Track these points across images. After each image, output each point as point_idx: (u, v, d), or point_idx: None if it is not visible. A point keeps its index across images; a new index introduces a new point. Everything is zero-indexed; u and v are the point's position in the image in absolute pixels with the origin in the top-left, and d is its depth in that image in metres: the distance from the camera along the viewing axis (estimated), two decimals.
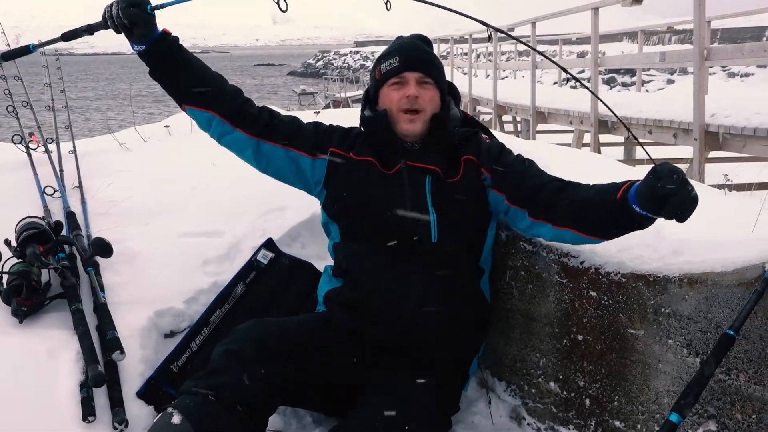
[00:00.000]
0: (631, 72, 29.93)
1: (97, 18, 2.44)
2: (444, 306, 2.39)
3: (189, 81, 2.56)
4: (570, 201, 2.27)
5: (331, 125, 2.72)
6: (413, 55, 2.52)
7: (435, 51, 2.83)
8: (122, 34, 2.41)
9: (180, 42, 2.54)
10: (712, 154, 7.79)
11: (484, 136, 2.64)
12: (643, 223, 2.06)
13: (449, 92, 2.64)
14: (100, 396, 2.35)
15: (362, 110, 2.67)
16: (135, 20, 2.34)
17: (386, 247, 2.41)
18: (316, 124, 2.69)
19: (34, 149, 4.10)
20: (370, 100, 2.64)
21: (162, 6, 2.41)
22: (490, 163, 2.49)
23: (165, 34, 2.47)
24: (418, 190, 2.44)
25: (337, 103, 27.51)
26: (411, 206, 2.41)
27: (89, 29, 2.48)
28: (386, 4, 2.32)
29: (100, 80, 77.66)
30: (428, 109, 2.49)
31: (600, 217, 2.19)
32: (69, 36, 2.53)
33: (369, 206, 2.47)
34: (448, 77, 2.65)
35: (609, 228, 2.20)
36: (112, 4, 2.34)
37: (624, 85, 31.23)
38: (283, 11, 2.35)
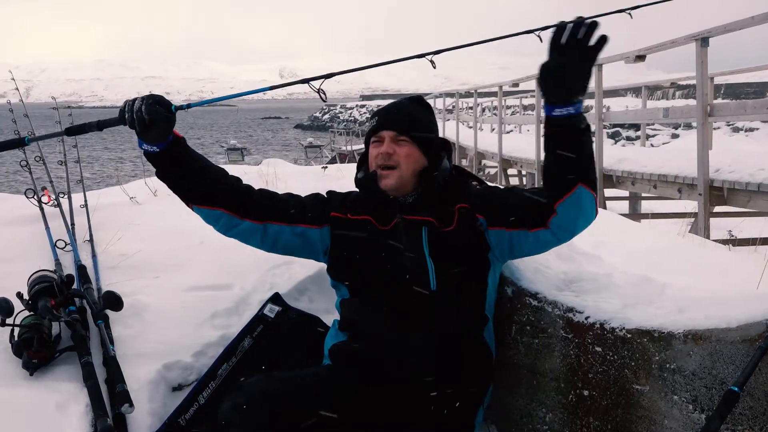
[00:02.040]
0: (636, 126, 30.15)
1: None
2: (446, 359, 2.40)
3: (197, 182, 2.59)
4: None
5: (330, 191, 2.80)
6: (391, 115, 2.63)
7: (440, 104, 2.93)
8: (133, 131, 2.39)
9: (186, 142, 2.57)
10: (717, 209, 7.81)
11: (474, 183, 2.69)
12: (567, 119, 2.18)
13: (442, 147, 2.70)
14: None
15: (357, 171, 2.74)
16: (157, 119, 2.33)
17: (388, 300, 2.45)
18: (316, 195, 2.78)
19: (46, 203, 4.16)
20: (363, 163, 2.73)
21: (187, 107, 2.40)
22: (482, 204, 2.54)
23: (177, 137, 2.50)
24: (414, 241, 2.49)
25: (343, 156, 27.72)
26: (409, 257, 2.46)
27: (99, 125, 2.43)
28: (432, 63, 2.44)
29: (109, 132, 78.29)
30: (404, 164, 2.56)
31: (555, 159, 2.30)
32: (74, 131, 2.49)
33: (369, 261, 2.53)
34: (452, 131, 2.72)
35: (563, 159, 2.27)
36: (135, 99, 2.34)
37: (629, 139, 31.39)
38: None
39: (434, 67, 2.38)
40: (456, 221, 2.53)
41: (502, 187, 2.68)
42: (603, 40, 2.13)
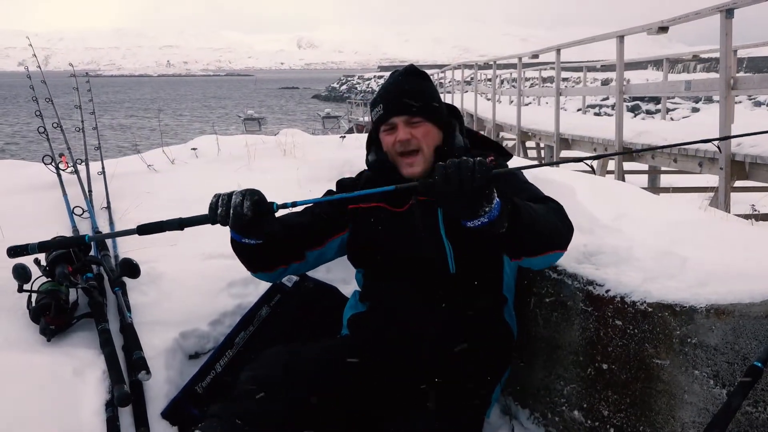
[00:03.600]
0: (656, 100, 29.90)
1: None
2: (466, 338, 2.38)
3: (274, 254, 2.46)
4: None
5: (340, 182, 2.75)
6: (396, 100, 2.50)
7: (458, 77, 2.83)
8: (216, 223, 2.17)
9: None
10: (738, 183, 7.73)
11: (490, 158, 2.56)
12: (486, 227, 1.98)
13: (451, 115, 2.63)
14: (125, 415, 2.38)
15: (367, 153, 2.69)
16: (261, 219, 2.13)
17: (408, 283, 2.43)
18: (329, 196, 2.65)
19: (63, 170, 4.16)
20: (373, 141, 2.66)
21: (292, 205, 2.16)
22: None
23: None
24: (430, 223, 2.44)
25: (360, 127, 27.61)
26: (426, 240, 2.41)
27: (181, 224, 2.22)
28: None
29: (127, 101, 78.54)
30: (425, 145, 2.49)
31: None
32: (148, 230, 2.27)
33: (385, 248, 2.48)
34: (470, 103, 2.64)
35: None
36: (232, 194, 2.12)
37: (648, 112, 31.13)
38: None
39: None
40: None
41: (510, 175, 2.50)
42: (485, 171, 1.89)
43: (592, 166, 2.02)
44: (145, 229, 2.24)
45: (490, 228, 1.96)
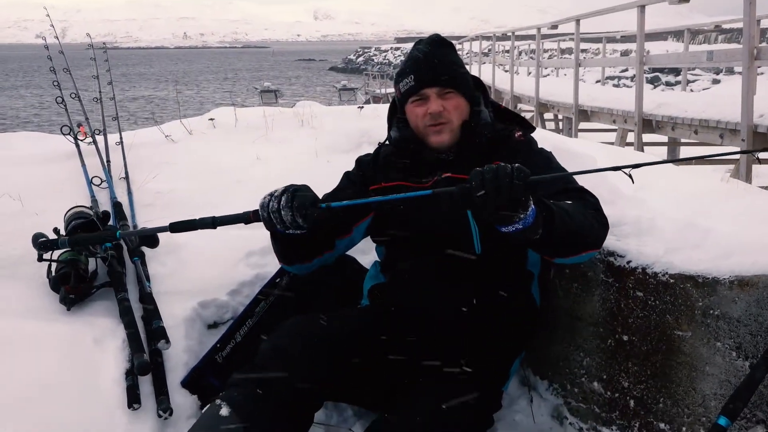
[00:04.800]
0: (676, 71, 29.61)
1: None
2: (490, 309, 2.36)
3: (314, 244, 2.40)
4: None
5: (359, 161, 2.68)
6: (428, 70, 2.44)
7: (476, 48, 2.75)
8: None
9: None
10: (760, 155, 7.62)
11: (518, 134, 2.54)
12: (519, 233, 1.93)
13: (476, 87, 2.57)
14: (145, 384, 2.39)
15: (389, 128, 2.63)
16: (310, 221, 2.05)
17: (432, 262, 2.40)
18: (349, 178, 2.63)
19: (82, 140, 4.16)
20: (397, 115, 2.59)
21: (330, 207, 2.07)
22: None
23: None
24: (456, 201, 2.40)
25: (377, 99, 27.55)
26: (451, 219, 2.35)
27: (214, 223, 2.17)
28: None
29: (145, 73, 78.62)
30: (455, 117, 2.44)
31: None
32: (177, 228, 2.22)
33: (408, 227, 2.44)
34: (488, 75, 2.57)
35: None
36: (280, 208, 2.04)
37: (668, 84, 30.84)
38: None
39: None
40: None
41: (543, 157, 2.49)
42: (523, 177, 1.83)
43: (630, 176, 1.95)
44: (177, 227, 2.22)
45: (524, 234, 1.93)
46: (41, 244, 2.41)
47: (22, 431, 2.07)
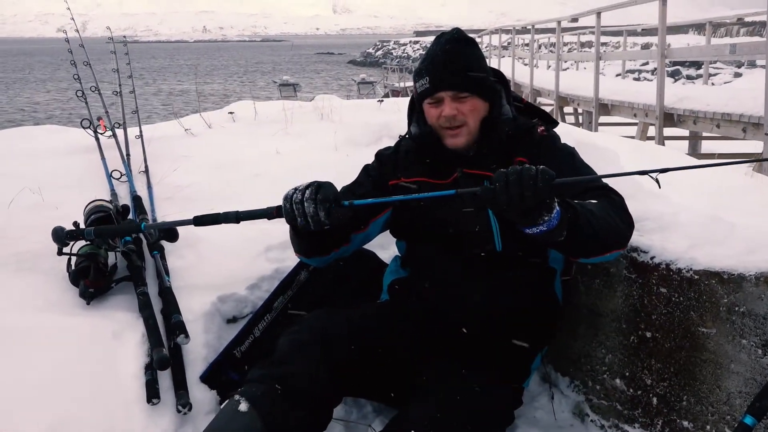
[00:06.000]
0: (696, 65, 29.32)
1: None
2: (512, 304, 2.33)
3: (333, 238, 2.36)
4: None
5: (379, 154, 2.64)
6: (444, 72, 2.38)
7: (495, 42, 2.68)
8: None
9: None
10: None
11: (540, 128, 2.49)
12: (544, 235, 1.92)
13: (498, 81, 2.51)
14: (165, 379, 2.38)
15: (409, 123, 2.59)
16: (335, 221, 2.03)
17: (452, 258, 2.37)
18: (367, 173, 2.59)
19: (101, 134, 4.17)
20: (416, 111, 2.55)
21: (353, 204, 2.06)
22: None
23: None
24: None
25: (396, 93, 27.47)
26: (471, 216, 2.33)
27: (238, 217, 2.17)
28: None
29: (167, 67, 79.01)
30: (471, 120, 2.39)
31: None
32: (201, 221, 2.20)
33: (428, 223, 2.41)
34: (508, 68, 2.52)
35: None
36: (304, 201, 2.02)
37: (689, 77, 30.53)
38: None
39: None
40: None
41: (566, 153, 2.44)
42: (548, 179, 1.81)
43: (657, 180, 1.91)
44: (201, 221, 2.21)
45: (548, 236, 1.91)
46: (68, 233, 2.40)
47: (41, 425, 2.07)
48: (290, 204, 2.04)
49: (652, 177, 1.91)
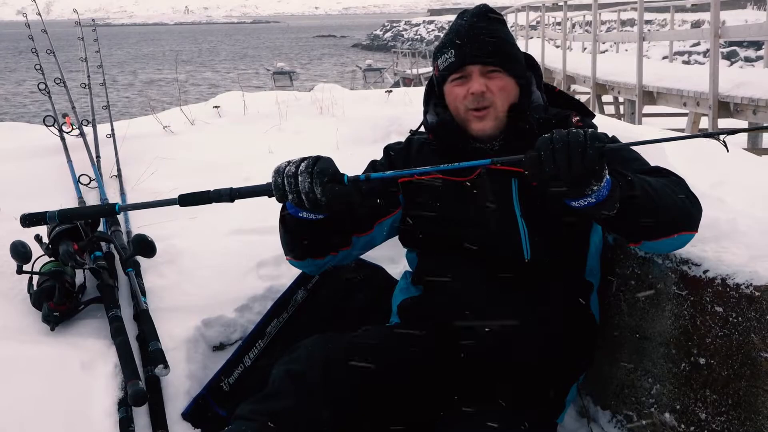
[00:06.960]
0: (756, 45, 29.27)
1: None
2: (542, 324, 2.33)
3: (330, 236, 2.35)
4: None
5: (388, 148, 2.66)
6: (471, 44, 2.40)
7: (522, 21, 2.71)
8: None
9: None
10: None
11: (575, 119, 2.51)
12: (593, 208, 1.95)
13: (528, 67, 2.54)
14: (141, 416, 2.39)
15: (425, 111, 2.60)
16: (334, 201, 2.01)
17: (472, 269, 2.37)
18: (374, 170, 2.59)
19: (68, 132, 4.18)
20: (435, 97, 2.57)
21: (365, 179, 2.07)
22: None
23: None
24: (503, 198, 2.37)
25: (407, 81, 27.53)
26: (497, 220, 2.35)
27: (232, 196, 2.15)
28: None
29: (140, 55, 79.38)
30: (499, 101, 2.41)
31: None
32: (188, 201, 2.21)
33: (445, 227, 2.42)
34: (537, 51, 2.54)
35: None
36: (295, 171, 2.01)
37: (747, 60, 30.53)
38: None
39: None
40: None
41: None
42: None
43: (725, 143, 1.91)
44: (187, 200, 2.19)
45: (598, 209, 1.92)
46: (25, 217, 2.34)
47: None
48: (282, 178, 2.03)
49: (720, 141, 1.92)
